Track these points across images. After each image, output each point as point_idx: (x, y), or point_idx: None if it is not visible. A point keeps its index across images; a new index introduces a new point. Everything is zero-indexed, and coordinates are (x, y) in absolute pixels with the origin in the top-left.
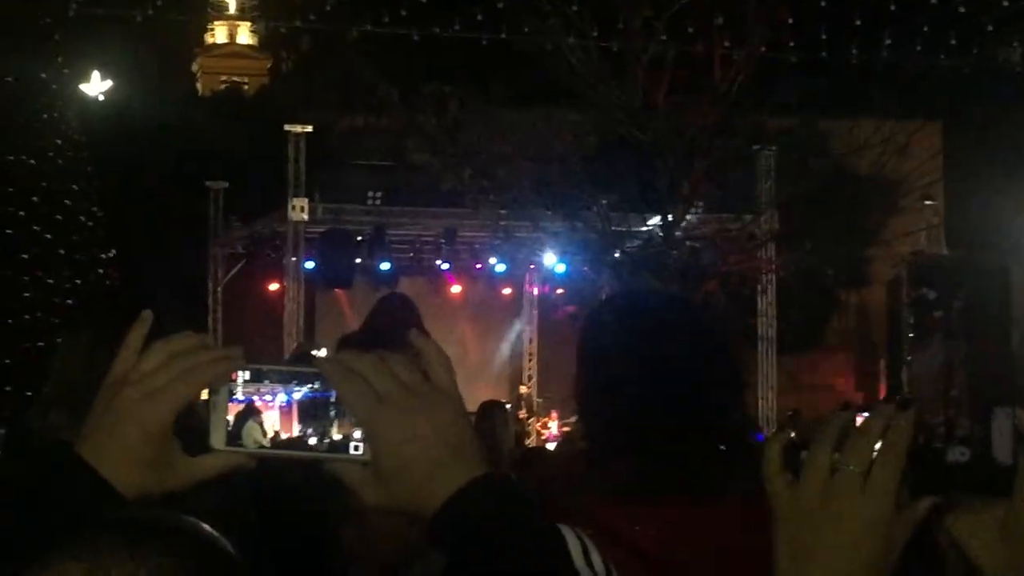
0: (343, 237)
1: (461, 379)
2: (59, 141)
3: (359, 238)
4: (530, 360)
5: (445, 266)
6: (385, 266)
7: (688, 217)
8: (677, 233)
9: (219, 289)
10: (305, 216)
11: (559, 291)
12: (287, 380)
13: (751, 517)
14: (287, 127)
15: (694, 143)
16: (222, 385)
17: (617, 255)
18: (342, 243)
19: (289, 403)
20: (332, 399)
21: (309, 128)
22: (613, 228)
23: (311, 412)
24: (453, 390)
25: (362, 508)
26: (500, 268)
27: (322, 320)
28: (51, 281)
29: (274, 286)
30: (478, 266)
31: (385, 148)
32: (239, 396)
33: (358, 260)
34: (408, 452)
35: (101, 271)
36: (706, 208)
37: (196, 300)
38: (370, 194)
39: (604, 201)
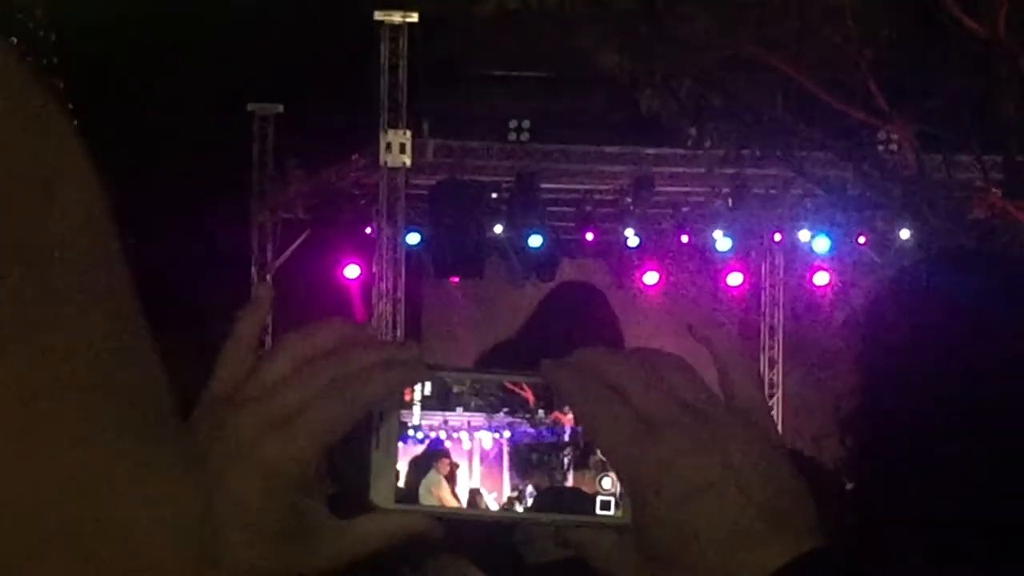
0: (468, 193)
1: None
2: (12, 39)
3: (494, 195)
4: (771, 397)
5: (634, 240)
6: (535, 241)
7: None
8: None
9: (268, 276)
10: (407, 159)
11: (821, 281)
12: (492, 404)
13: None
14: (379, 15)
15: None
16: (391, 408)
17: (927, 222)
18: (466, 203)
19: (496, 445)
20: (566, 437)
21: (414, 17)
22: (926, 173)
23: (530, 459)
24: (764, 414)
25: None
26: (724, 244)
27: (432, 327)
28: None
29: (354, 271)
30: (686, 238)
31: (540, 49)
32: (415, 433)
33: (494, 230)
34: (695, 511)
35: None
36: None
37: (229, 295)
38: (512, 124)
39: (911, 130)
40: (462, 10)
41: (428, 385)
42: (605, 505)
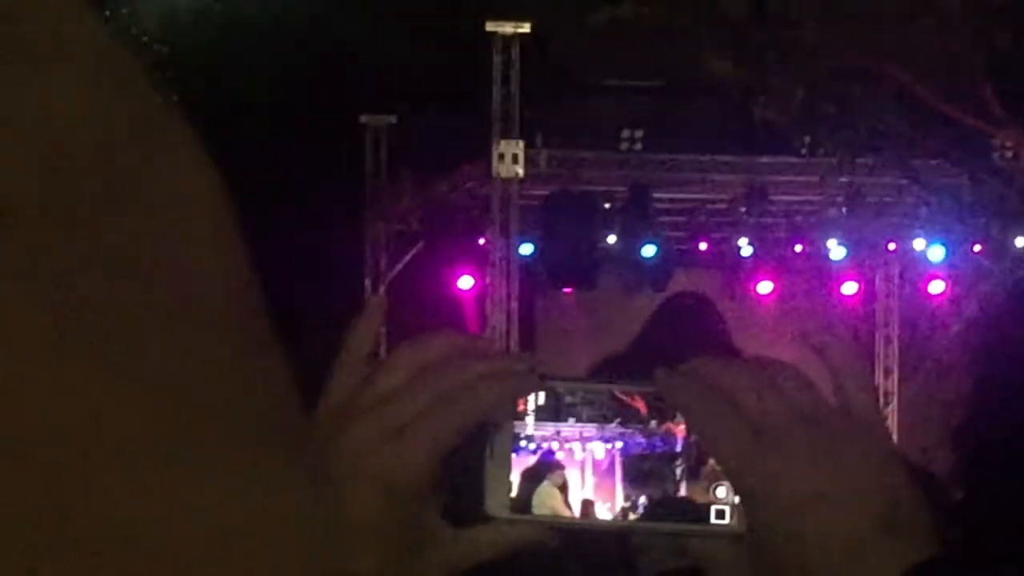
0: (581, 204)
1: None
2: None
3: (607, 205)
4: (886, 407)
5: (748, 249)
6: (648, 251)
7: None
8: None
9: (381, 287)
10: (520, 170)
11: (936, 290)
12: (605, 415)
13: None
14: (491, 26)
15: None
16: (504, 419)
17: None
18: (579, 213)
19: (608, 455)
20: (678, 448)
21: (526, 27)
22: None
23: (642, 469)
24: (878, 423)
25: None
26: (838, 253)
27: (545, 338)
28: None
29: (468, 282)
30: (799, 247)
31: (652, 58)
32: (527, 443)
33: (607, 240)
34: (808, 519)
35: None
36: None
37: (343, 306)
38: (625, 134)
39: None
40: (574, 20)
41: (541, 395)
42: (719, 514)
